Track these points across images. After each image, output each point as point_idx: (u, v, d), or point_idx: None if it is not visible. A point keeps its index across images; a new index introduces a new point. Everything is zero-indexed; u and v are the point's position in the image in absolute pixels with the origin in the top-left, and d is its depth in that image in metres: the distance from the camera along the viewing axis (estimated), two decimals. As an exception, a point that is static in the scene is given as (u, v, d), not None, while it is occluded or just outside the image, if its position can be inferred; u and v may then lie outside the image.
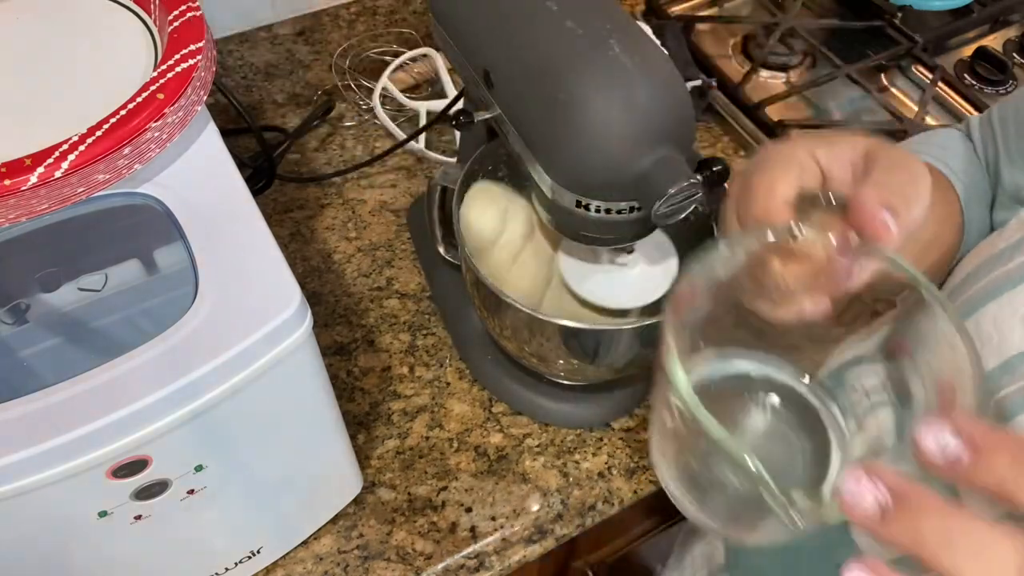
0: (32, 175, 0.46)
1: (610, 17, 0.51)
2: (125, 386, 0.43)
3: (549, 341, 0.61)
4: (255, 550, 0.60)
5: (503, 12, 0.54)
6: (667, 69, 0.50)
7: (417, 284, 0.81)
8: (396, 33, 1.02)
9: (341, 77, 0.98)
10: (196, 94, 0.53)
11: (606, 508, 0.68)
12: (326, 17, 0.97)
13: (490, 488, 0.68)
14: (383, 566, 0.64)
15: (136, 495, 0.47)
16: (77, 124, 0.48)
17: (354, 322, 0.78)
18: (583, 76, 0.48)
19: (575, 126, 0.49)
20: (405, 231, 0.85)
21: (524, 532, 0.66)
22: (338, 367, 0.75)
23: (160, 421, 0.44)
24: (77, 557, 0.51)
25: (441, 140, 0.94)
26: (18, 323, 0.50)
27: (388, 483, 0.68)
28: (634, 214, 0.52)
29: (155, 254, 0.54)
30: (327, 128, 0.95)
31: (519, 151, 0.55)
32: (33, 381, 0.44)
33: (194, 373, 0.44)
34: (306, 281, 0.81)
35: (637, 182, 0.48)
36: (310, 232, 0.85)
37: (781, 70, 1.01)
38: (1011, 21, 1.07)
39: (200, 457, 0.49)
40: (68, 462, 0.42)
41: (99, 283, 0.52)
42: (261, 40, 0.96)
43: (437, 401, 0.73)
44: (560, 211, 0.54)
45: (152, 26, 0.58)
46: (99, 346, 0.51)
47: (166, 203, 0.51)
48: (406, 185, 0.90)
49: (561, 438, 0.71)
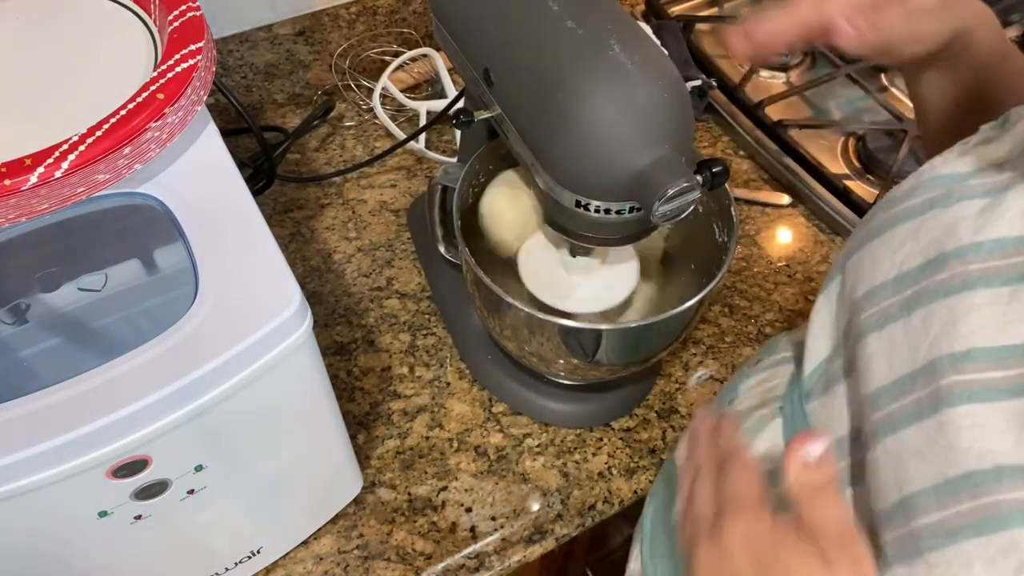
0: (32, 175, 0.46)
1: (610, 17, 0.51)
2: (125, 386, 0.43)
3: (549, 341, 0.61)
4: (255, 550, 0.60)
5: (504, 11, 0.54)
6: (667, 69, 0.50)
7: (417, 284, 0.81)
8: (396, 33, 1.02)
9: (341, 77, 0.98)
10: (196, 94, 0.53)
11: (606, 508, 0.68)
12: (326, 17, 0.97)
13: (490, 488, 0.68)
14: (383, 566, 0.64)
15: (136, 495, 0.47)
16: (77, 124, 0.48)
17: (354, 322, 0.78)
18: (583, 76, 0.48)
19: (575, 125, 0.49)
20: (405, 231, 0.85)
21: (524, 532, 0.66)
22: (338, 367, 0.75)
23: (160, 421, 0.44)
24: (77, 557, 0.51)
25: (441, 140, 0.94)
26: (18, 323, 0.50)
27: (388, 483, 0.68)
28: (633, 214, 0.52)
29: (155, 254, 0.54)
30: (327, 128, 0.95)
31: (519, 150, 0.55)
32: (33, 381, 0.44)
33: (194, 373, 0.44)
34: (306, 281, 0.81)
35: (636, 182, 0.48)
36: (310, 232, 0.85)
37: (781, 70, 1.01)
38: (1011, 21, 1.07)
39: (200, 457, 0.49)
40: (68, 462, 0.42)
41: (99, 283, 0.52)
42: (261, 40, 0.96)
43: (437, 401, 0.73)
44: (560, 211, 0.54)
45: (152, 26, 0.58)
46: (99, 346, 0.51)
47: (166, 203, 0.51)
48: (406, 185, 0.90)
49: (561, 438, 0.71)
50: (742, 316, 0.80)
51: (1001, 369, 0.37)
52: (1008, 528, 0.34)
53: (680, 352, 0.77)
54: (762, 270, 0.84)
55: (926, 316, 0.41)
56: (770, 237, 0.87)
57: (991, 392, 0.37)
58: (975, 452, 0.36)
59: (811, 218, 0.88)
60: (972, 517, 0.35)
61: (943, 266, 0.42)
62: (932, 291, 0.42)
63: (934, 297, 0.41)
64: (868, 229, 0.48)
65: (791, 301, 0.81)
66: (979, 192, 0.43)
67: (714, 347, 0.78)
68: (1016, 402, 0.36)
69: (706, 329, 0.79)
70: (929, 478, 0.38)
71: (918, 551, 0.37)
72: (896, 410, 0.41)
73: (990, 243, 0.41)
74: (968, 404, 0.37)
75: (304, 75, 0.99)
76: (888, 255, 0.45)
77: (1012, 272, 0.39)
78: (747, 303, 0.81)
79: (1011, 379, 0.37)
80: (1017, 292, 0.39)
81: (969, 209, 0.43)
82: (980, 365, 0.38)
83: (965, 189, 0.44)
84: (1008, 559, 0.34)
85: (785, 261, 0.85)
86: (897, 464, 0.40)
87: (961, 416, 0.37)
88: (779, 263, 0.84)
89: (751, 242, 0.86)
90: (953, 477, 0.37)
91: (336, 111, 0.96)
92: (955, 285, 0.41)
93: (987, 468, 0.36)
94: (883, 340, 0.43)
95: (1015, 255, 0.40)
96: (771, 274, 0.83)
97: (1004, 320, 0.38)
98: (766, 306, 0.81)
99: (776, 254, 0.85)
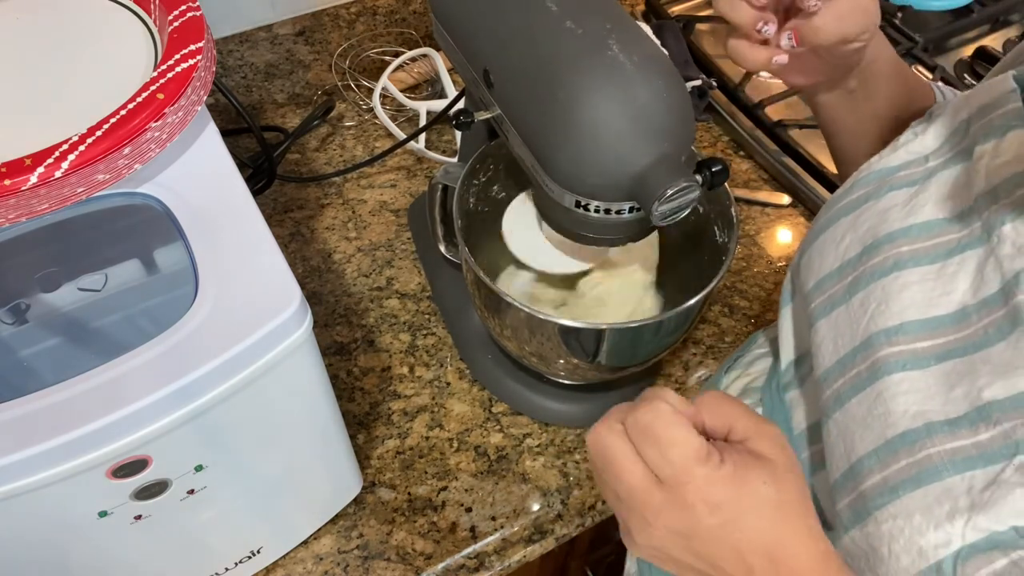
0: (32, 175, 0.46)
1: (610, 17, 0.51)
2: (125, 386, 0.43)
3: (549, 340, 0.61)
4: (255, 550, 0.60)
5: (503, 12, 0.54)
6: (667, 69, 0.50)
7: (417, 284, 0.81)
8: (396, 33, 1.02)
9: (341, 77, 0.98)
10: (196, 94, 0.53)
11: (606, 508, 0.68)
12: (326, 17, 0.97)
13: (490, 488, 0.68)
14: (383, 566, 0.64)
15: (136, 495, 0.47)
16: (77, 124, 0.48)
17: (354, 322, 0.78)
18: (583, 76, 0.48)
19: (574, 125, 0.49)
20: (405, 231, 0.85)
21: (524, 532, 0.66)
22: (338, 367, 0.75)
23: (160, 421, 0.44)
24: (77, 557, 0.51)
25: (441, 140, 0.94)
26: (18, 323, 0.50)
27: (388, 483, 0.68)
28: (633, 214, 0.52)
29: (155, 254, 0.54)
30: (327, 128, 0.95)
31: (519, 151, 0.55)
32: (33, 381, 0.44)
33: (194, 373, 0.44)
34: (306, 281, 0.81)
35: (636, 182, 0.48)
36: (310, 232, 0.85)
37: (781, 70, 1.01)
38: (1011, 21, 1.07)
39: (200, 457, 0.49)
40: (68, 462, 0.42)
41: (99, 283, 0.52)
42: (261, 40, 0.96)
43: (437, 401, 0.73)
44: (560, 211, 0.54)
45: (152, 26, 0.58)
46: (99, 346, 0.51)
47: (166, 203, 0.51)
48: (406, 185, 0.90)
49: (561, 438, 0.71)
50: (742, 316, 0.80)
51: (930, 339, 0.41)
52: (940, 478, 0.37)
53: (680, 352, 0.77)
54: (762, 270, 0.84)
55: (864, 298, 0.45)
56: (770, 237, 0.87)
57: (921, 360, 0.41)
58: (910, 414, 0.39)
59: (811, 218, 0.88)
60: (909, 471, 0.38)
61: (877, 250, 0.46)
62: (869, 274, 0.46)
63: (871, 280, 0.45)
64: (815, 228, 0.53)
65: (791, 301, 0.81)
66: (907, 182, 0.48)
67: (714, 347, 0.78)
68: (943, 365, 0.40)
69: (706, 329, 0.79)
70: (871, 442, 0.41)
71: (867, 511, 0.40)
72: (840, 386, 0.44)
73: (917, 227, 0.45)
74: (902, 372, 0.41)
75: (304, 75, 0.99)
76: (832, 247, 0.50)
77: (938, 250, 0.43)
78: (747, 303, 0.81)
79: (939, 346, 0.41)
80: (944, 268, 0.43)
81: (899, 198, 0.47)
82: (911, 336, 0.42)
83: (895, 180, 0.49)
84: (943, 505, 0.37)
85: (785, 261, 0.85)
86: (845, 435, 0.43)
87: (896, 383, 0.41)
88: (779, 263, 0.84)
89: (751, 242, 0.86)
90: (892, 438, 0.40)
91: (336, 111, 0.96)
92: (888, 267, 0.45)
93: (919, 426, 0.39)
94: (830, 324, 0.47)
95: (940, 235, 0.44)
96: (771, 274, 0.83)
97: (933, 294, 0.42)
98: (766, 306, 0.81)
99: (776, 254, 0.85)
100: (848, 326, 0.45)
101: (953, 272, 0.42)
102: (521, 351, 0.65)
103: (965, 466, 0.37)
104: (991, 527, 0.35)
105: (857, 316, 0.45)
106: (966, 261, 0.42)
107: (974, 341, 0.39)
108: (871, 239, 0.47)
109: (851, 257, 0.48)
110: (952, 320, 0.41)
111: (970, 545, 0.35)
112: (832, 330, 0.46)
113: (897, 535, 0.38)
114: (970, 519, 0.36)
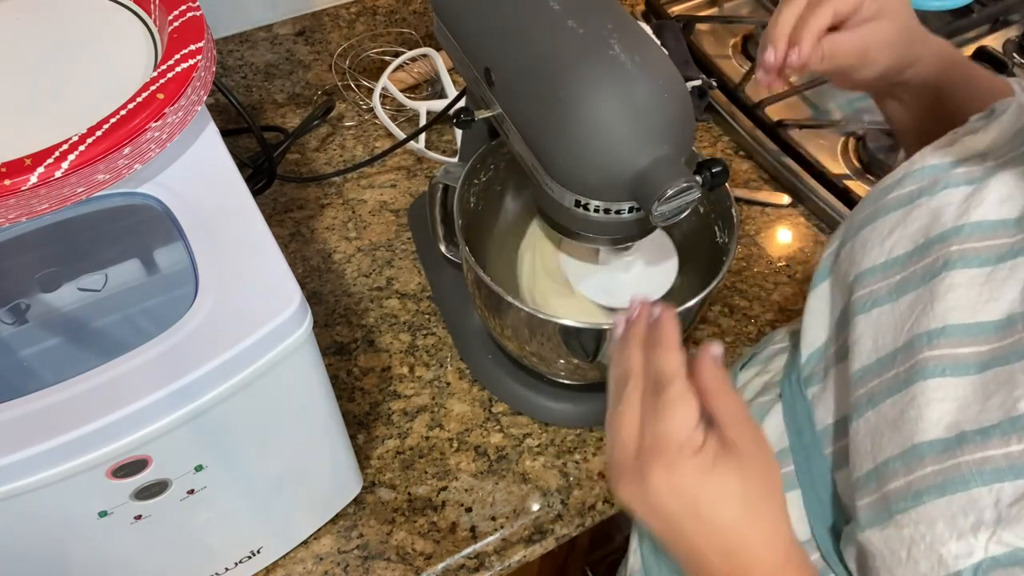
0: (32, 175, 0.46)
1: (611, 17, 0.51)
2: (125, 386, 0.43)
3: (549, 340, 0.61)
4: (255, 550, 0.60)
5: (504, 11, 0.54)
6: (667, 69, 0.50)
7: (417, 284, 0.81)
8: (396, 33, 1.02)
9: (341, 77, 0.98)
10: (196, 94, 0.53)
11: (606, 508, 0.68)
12: (326, 17, 0.97)
13: (490, 488, 0.68)
14: (383, 566, 0.64)
15: (136, 495, 0.47)
16: (77, 124, 0.48)
17: (354, 322, 0.78)
18: (583, 75, 0.48)
19: (575, 125, 0.49)
20: (405, 231, 0.85)
21: (524, 532, 0.66)
22: (338, 367, 0.75)
23: (160, 421, 0.44)
24: (77, 557, 0.51)
25: (441, 140, 0.94)
26: (18, 323, 0.50)
27: (388, 483, 0.68)
28: (633, 214, 0.52)
29: (155, 254, 0.54)
30: (327, 128, 0.95)
31: (519, 150, 0.55)
32: (33, 381, 0.44)
33: (194, 373, 0.44)
34: (306, 281, 0.81)
35: (636, 182, 0.48)
36: (310, 232, 0.85)
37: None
38: (1011, 21, 1.07)
39: (200, 457, 0.49)
40: (68, 462, 0.42)
41: (99, 283, 0.52)
42: (261, 40, 0.96)
43: (437, 401, 0.73)
44: (560, 210, 0.54)
45: (152, 26, 0.58)
46: (99, 346, 0.51)
47: (166, 203, 0.51)
48: (406, 185, 0.90)
49: (561, 438, 0.71)
50: (742, 316, 0.80)
51: (974, 344, 0.40)
52: (967, 488, 0.36)
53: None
54: (762, 270, 0.84)
55: (913, 300, 0.44)
56: (770, 237, 0.87)
57: (962, 366, 0.40)
58: (943, 424, 0.39)
59: (811, 218, 0.88)
60: (935, 479, 0.38)
61: (928, 251, 0.44)
62: (919, 276, 0.44)
63: (920, 283, 0.44)
64: (860, 218, 0.51)
65: (791, 301, 0.81)
66: (963, 180, 0.46)
67: (714, 347, 0.78)
68: (984, 375, 0.39)
69: (706, 329, 0.79)
70: (899, 445, 0.40)
71: (888, 513, 0.39)
72: (876, 385, 0.43)
73: (970, 226, 0.43)
74: (940, 378, 0.40)
75: (304, 75, 0.99)
76: (877, 242, 0.48)
77: (991, 253, 0.42)
78: (747, 303, 0.81)
79: (982, 354, 0.39)
80: (995, 272, 0.41)
81: (954, 196, 0.45)
82: (954, 341, 0.40)
83: (950, 178, 0.46)
84: (967, 517, 0.36)
85: (785, 261, 0.85)
86: (873, 435, 0.42)
87: (932, 389, 0.40)
88: (779, 263, 0.84)
89: (751, 242, 0.86)
90: (920, 443, 0.39)
91: (336, 111, 0.96)
92: (937, 267, 0.43)
93: (951, 437, 0.38)
94: (870, 322, 0.46)
95: (993, 238, 0.42)
96: (771, 274, 0.83)
97: (980, 299, 0.41)
98: (766, 306, 0.81)
99: (776, 254, 0.85)
100: (891, 327, 0.44)
101: (1004, 278, 0.41)
102: (521, 351, 0.65)
103: (993, 477, 0.36)
104: (1016, 543, 0.34)
105: (903, 318, 0.44)
106: (1018, 268, 0.40)
107: (1017, 350, 0.38)
108: (923, 239, 0.45)
109: (900, 255, 0.46)
110: (997, 328, 0.40)
111: (992, 558, 0.35)
112: (872, 328, 0.45)
113: (918, 540, 0.37)
114: (995, 532, 0.35)
